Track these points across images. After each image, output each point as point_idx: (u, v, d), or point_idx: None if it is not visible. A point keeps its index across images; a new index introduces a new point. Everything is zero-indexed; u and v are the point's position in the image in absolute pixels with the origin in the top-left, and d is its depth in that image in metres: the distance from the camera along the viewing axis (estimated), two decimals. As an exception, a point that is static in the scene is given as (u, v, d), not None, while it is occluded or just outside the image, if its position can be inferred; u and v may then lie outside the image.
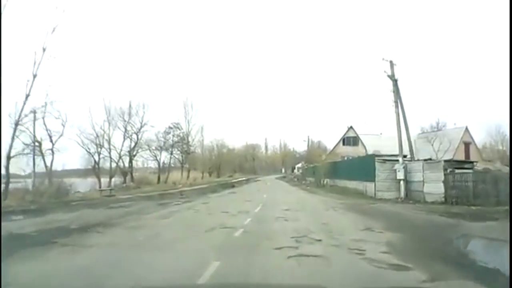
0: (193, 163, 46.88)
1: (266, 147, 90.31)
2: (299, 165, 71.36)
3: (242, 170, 75.48)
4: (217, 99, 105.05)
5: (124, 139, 32.53)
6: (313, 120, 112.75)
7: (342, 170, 23.91)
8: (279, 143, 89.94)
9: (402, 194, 15.15)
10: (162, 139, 37.87)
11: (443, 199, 13.28)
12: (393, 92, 15.83)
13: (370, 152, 32.52)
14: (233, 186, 29.17)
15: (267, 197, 17.94)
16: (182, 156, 42.11)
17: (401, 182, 15.26)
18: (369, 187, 16.92)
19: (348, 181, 20.82)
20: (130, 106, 32.90)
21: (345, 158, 31.12)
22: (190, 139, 42.53)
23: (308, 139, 53.18)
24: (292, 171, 77.26)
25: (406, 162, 15.74)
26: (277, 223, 8.44)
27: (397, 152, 15.90)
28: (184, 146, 41.39)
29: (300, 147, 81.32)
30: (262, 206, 12.77)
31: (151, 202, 15.78)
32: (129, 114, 33.08)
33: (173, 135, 39.49)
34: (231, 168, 69.37)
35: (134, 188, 27.17)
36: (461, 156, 25.75)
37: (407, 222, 8.76)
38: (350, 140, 37.47)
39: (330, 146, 42.82)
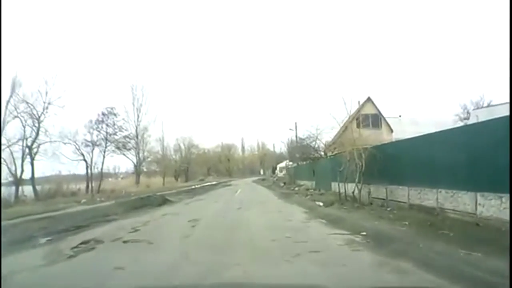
0: (160, 166, 39.60)
1: (243, 147, 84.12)
2: (282, 164, 61.05)
3: (217, 173, 68.12)
4: (186, 94, 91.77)
5: (3, 123, 20.85)
6: (297, 110, 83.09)
7: (446, 159, 7.09)
8: (256, 143, 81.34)
9: None
10: (95, 130, 27.86)
11: None
12: None
13: (393, 139, 22.06)
14: (165, 202, 15.00)
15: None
16: (136, 156, 33.49)
17: None
18: None
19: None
20: (16, 75, 21.88)
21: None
22: (139, 131, 34.00)
23: (296, 127, 38.45)
24: (273, 172, 67.37)
25: None
26: None
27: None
28: (128, 140, 30.63)
29: (282, 145, 71.03)
30: None
31: None
32: (13, 85, 21.24)
33: (108, 125, 28.67)
34: (204, 171, 62.38)
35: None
36: None
37: None
38: (369, 119, 25.48)
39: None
